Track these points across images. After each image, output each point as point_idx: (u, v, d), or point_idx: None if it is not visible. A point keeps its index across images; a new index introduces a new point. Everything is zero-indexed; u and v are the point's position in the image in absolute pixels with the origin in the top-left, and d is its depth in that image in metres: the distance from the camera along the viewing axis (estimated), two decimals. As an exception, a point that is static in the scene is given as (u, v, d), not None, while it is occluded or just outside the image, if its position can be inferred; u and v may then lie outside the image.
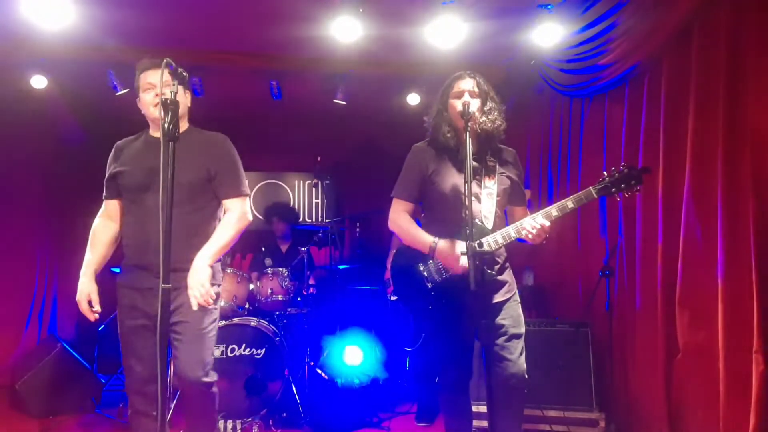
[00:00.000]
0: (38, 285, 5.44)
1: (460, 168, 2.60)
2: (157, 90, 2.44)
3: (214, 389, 2.56)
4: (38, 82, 4.72)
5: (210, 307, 2.45)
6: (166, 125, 1.76)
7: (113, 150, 2.67)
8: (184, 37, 4.52)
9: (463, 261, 2.41)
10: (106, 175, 2.64)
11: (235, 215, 2.56)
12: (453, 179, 2.61)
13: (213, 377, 2.54)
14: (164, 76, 1.84)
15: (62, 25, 3.73)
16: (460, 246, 2.48)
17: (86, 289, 2.48)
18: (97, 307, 2.48)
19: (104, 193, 2.68)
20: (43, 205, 5.54)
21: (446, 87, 2.70)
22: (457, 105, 2.55)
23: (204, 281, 2.34)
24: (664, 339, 3.22)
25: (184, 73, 1.86)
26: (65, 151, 5.66)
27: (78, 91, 5.31)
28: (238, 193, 2.60)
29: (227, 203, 2.59)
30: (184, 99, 2.54)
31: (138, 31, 4.32)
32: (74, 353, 4.56)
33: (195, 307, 2.35)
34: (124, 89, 4.81)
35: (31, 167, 5.43)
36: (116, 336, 2.58)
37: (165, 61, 1.82)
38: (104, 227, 2.65)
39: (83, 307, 2.48)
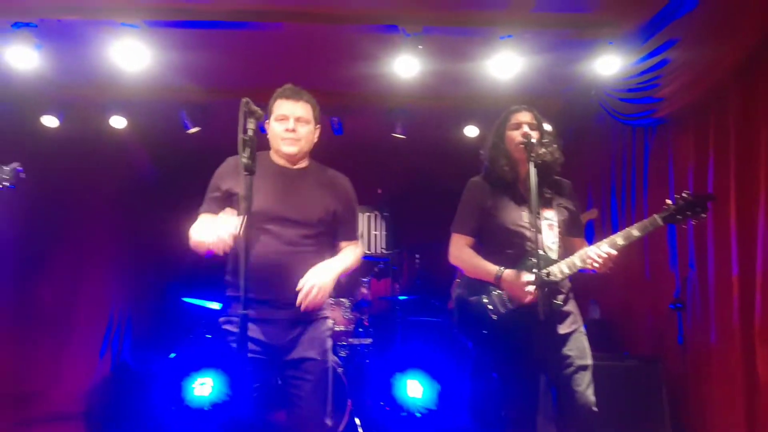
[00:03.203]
0: (113, 313, 5.70)
1: (519, 201, 2.61)
2: (289, 124, 2.37)
3: None
4: (117, 122, 5.01)
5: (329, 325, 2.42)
6: (245, 161, 1.88)
7: (229, 164, 2.44)
8: (251, 76, 4.72)
9: (530, 288, 2.40)
10: (216, 189, 2.41)
11: (358, 252, 2.54)
12: (512, 212, 2.61)
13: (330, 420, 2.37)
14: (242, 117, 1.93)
15: (139, 67, 3.95)
16: (526, 275, 2.46)
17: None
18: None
19: (205, 206, 2.41)
20: (119, 233, 5.84)
21: (502, 120, 2.72)
22: (516, 136, 2.56)
23: (327, 282, 2.26)
24: (744, 376, 3.07)
25: (260, 112, 1.98)
26: (138, 185, 5.98)
27: (152, 130, 5.61)
28: (355, 237, 2.57)
29: (344, 244, 2.52)
30: (312, 136, 2.50)
31: (209, 72, 4.58)
32: (145, 379, 4.73)
33: (300, 303, 2.22)
34: (194, 127, 5.07)
35: (108, 198, 5.73)
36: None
37: (244, 100, 1.94)
38: None
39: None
